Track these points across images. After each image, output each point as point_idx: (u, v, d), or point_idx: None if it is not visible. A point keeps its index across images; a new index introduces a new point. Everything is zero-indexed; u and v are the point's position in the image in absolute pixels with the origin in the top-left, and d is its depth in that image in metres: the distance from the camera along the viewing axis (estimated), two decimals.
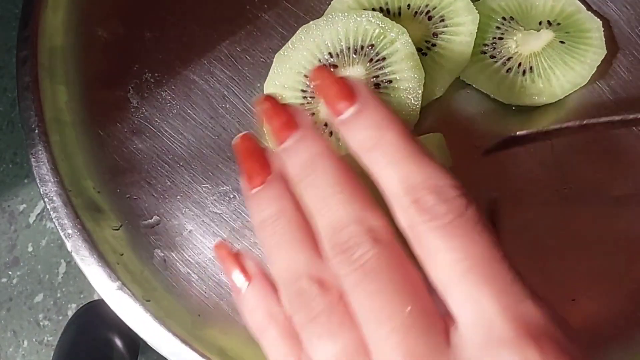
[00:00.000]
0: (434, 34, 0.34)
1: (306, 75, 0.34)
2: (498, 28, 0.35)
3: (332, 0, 0.36)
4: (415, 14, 0.35)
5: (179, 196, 0.36)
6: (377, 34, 0.33)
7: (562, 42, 0.34)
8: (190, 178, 0.36)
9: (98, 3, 0.39)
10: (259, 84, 0.36)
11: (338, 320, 0.20)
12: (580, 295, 0.32)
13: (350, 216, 0.20)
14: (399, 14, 0.35)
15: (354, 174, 0.21)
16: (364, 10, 0.34)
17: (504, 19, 0.35)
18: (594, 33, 0.34)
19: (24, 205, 0.98)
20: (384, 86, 0.33)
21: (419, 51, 0.33)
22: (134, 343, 0.86)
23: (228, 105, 0.37)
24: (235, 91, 0.37)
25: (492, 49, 0.35)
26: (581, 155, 0.34)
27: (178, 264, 0.35)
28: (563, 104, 0.34)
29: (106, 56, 0.38)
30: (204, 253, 0.35)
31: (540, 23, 0.35)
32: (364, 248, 0.20)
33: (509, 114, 0.34)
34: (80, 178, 0.36)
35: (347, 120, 0.22)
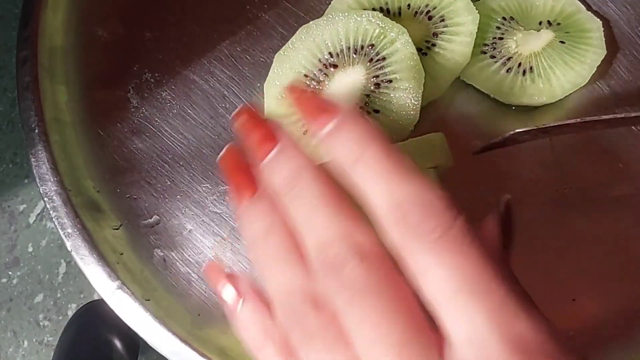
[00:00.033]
0: (434, 34, 0.34)
1: (306, 75, 0.34)
2: (498, 28, 0.35)
3: (332, 0, 0.36)
4: (416, 13, 0.35)
5: (179, 196, 0.36)
6: (377, 34, 0.33)
7: (562, 42, 0.34)
8: (190, 178, 0.36)
9: (98, 3, 0.39)
10: (259, 84, 0.36)
11: (333, 339, 0.20)
12: (580, 295, 0.32)
13: (336, 231, 0.20)
14: (399, 13, 0.35)
15: (337, 186, 0.21)
16: (364, 10, 0.34)
17: (504, 19, 0.35)
18: (594, 33, 0.34)
19: (24, 205, 0.98)
20: (384, 86, 0.33)
21: (419, 51, 0.33)
22: (134, 343, 0.86)
23: (228, 105, 0.37)
24: (235, 91, 0.37)
25: (492, 49, 0.35)
26: (581, 155, 0.34)
27: (178, 263, 0.35)
28: (563, 104, 0.34)
29: (106, 56, 0.38)
30: (203, 253, 0.35)
31: (540, 23, 0.35)
32: (352, 265, 0.19)
33: (509, 114, 0.34)
34: (80, 178, 0.36)
35: (329, 134, 0.21)
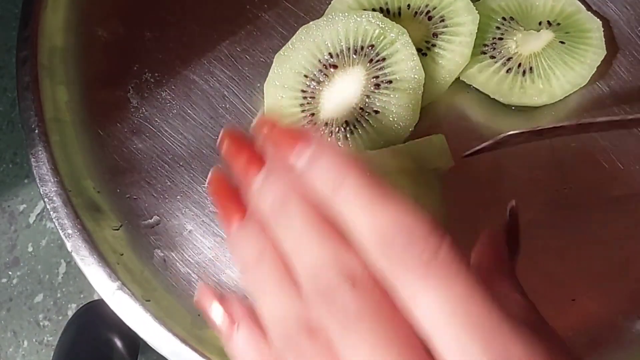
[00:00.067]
0: (434, 34, 0.34)
1: (306, 76, 0.34)
2: (498, 28, 0.35)
3: (332, 0, 0.36)
4: (415, 14, 0.35)
5: (179, 196, 0.36)
6: (377, 35, 0.33)
7: (562, 43, 0.34)
8: (190, 178, 0.36)
9: (98, 3, 0.39)
10: (259, 84, 0.36)
11: None
12: (580, 295, 0.32)
13: (326, 257, 0.20)
14: (399, 14, 0.35)
15: (325, 211, 0.21)
16: (364, 10, 0.34)
17: (504, 19, 0.35)
18: (594, 33, 0.34)
19: (24, 205, 0.97)
20: (384, 86, 0.33)
21: (419, 51, 0.33)
22: (134, 343, 0.86)
23: (228, 105, 0.37)
24: (235, 91, 0.37)
25: (492, 49, 0.35)
26: (581, 155, 0.34)
27: (178, 263, 0.35)
28: (563, 105, 0.34)
29: (106, 56, 0.38)
30: (203, 253, 0.35)
31: (540, 23, 0.35)
32: (344, 292, 0.19)
33: (509, 114, 0.34)
34: (80, 178, 0.36)
35: (307, 166, 0.21)
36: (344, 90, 0.34)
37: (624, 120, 0.30)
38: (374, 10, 0.35)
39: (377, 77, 0.33)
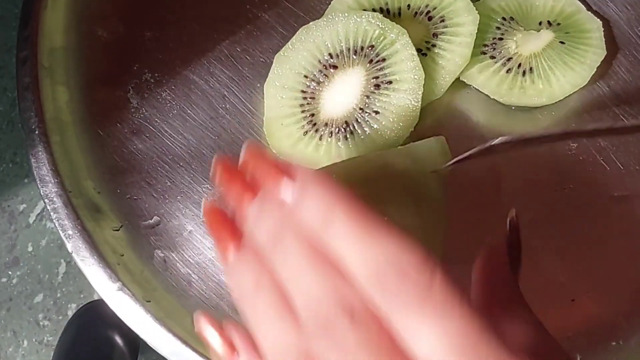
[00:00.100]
0: (434, 35, 0.34)
1: (306, 76, 0.34)
2: (498, 28, 0.35)
3: (332, 1, 0.36)
4: (415, 14, 0.35)
5: (179, 196, 0.36)
6: (377, 35, 0.33)
7: (562, 43, 0.34)
8: (191, 178, 0.36)
9: (98, 3, 0.39)
10: (259, 84, 0.36)
11: None
12: (580, 295, 0.32)
13: (323, 289, 0.20)
14: (399, 14, 0.35)
15: (319, 245, 0.21)
16: (364, 10, 0.34)
17: (504, 19, 0.35)
18: (593, 33, 0.34)
19: (24, 205, 0.97)
20: (384, 87, 0.33)
21: (419, 52, 0.33)
22: (134, 343, 0.86)
23: (228, 105, 0.37)
24: (235, 91, 0.37)
25: (492, 50, 0.35)
26: (581, 155, 0.34)
27: (178, 264, 0.35)
28: (563, 105, 0.34)
29: (106, 56, 0.38)
30: (204, 253, 0.35)
31: (540, 23, 0.35)
32: (341, 325, 0.19)
33: (509, 114, 0.34)
34: (80, 178, 0.36)
35: (295, 201, 0.21)
36: (343, 91, 0.34)
37: (612, 128, 0.29)
38: (374, 10, 0.35)
39: (377, 78, 0.33)
